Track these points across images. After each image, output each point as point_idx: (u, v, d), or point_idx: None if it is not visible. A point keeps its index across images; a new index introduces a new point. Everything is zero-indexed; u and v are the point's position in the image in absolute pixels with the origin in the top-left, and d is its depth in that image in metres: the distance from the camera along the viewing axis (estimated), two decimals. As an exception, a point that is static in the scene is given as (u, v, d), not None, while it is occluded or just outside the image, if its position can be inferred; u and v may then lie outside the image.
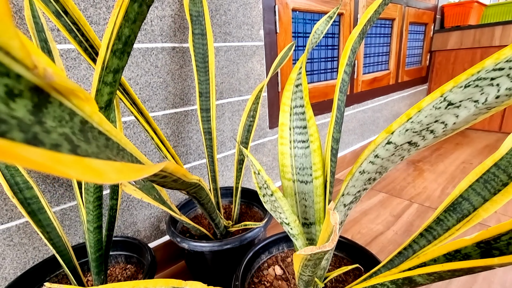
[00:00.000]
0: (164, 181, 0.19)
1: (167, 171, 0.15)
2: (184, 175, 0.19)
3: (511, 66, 0.16)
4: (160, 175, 0.16)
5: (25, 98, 0.07)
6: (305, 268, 0.25)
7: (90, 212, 0.46)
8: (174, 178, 0.19)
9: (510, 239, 0.17)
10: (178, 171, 0.17)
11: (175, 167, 0.16)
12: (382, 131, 1.05)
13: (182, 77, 0.74)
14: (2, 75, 0.06)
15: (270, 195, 0.38)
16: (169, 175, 0.17)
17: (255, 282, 0.53)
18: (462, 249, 0.20)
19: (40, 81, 0.07)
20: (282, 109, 0.48)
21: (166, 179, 0.19)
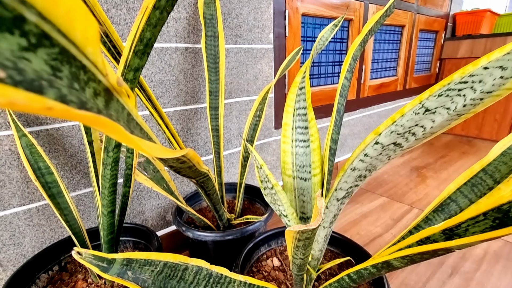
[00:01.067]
0: (181, 166, 0.23)
1: (187, 156, 0.19)
2: (198, 162, 0.22)
3: (474, 80, 0.19)
4: (181, 160, 0.19)
5: (102, 96, 0.10)
6: (297, 250, 0.28)
7: (105, 197, 0.50)
8: (190, 165, 0.23)
9: (468, 226, 0.20)
10: (195, 157, 0.20)
11: (194, 154, 0.19)
12: None
13: (194, 76, 0.78)
14: (92, 81, 0.10)
15: (270, 188, 0.42)
16: (187, 161, 0.20)
17: (254, 271, 0.56)
18: (431, 236, 0.23)
19: (109, 84, 0.11)
20: (286, 110, 0.51)
21: (183, 165, 0.22)
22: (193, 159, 0.20)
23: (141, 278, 0.28)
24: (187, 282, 0.31)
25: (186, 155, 0.17)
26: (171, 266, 0.30)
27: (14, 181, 0.57)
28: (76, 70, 0.09)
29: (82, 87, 0.10)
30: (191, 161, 0.20)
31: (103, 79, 0.10)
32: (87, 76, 0.10)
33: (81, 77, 0.10)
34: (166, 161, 0.20)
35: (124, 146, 0.56)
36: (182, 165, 0.22)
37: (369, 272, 0.28)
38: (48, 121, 0.59)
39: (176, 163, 0.20)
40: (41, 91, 0.07)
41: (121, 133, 0.09)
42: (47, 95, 0.07)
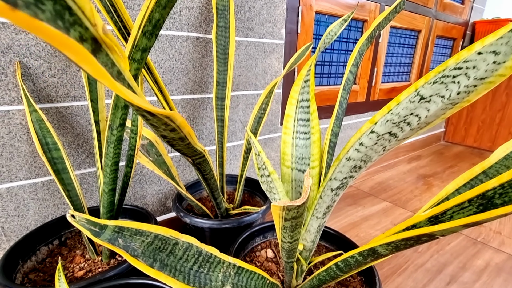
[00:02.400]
0: (173, 137, 0.23)
1: (173, 120, 0.19)
2: (189, 133, 0.23)
3: (468, 66, 0.19)
4: (169, 126, 0.20)
5: (88, 43, 0.11)
6: (284, 232, 0.28)
7: (107, 175, 0.51)
8: (181, 136, 0.23)
9: (453, 213, 0.20)
10: (184, 125, 0.21)
11: (182, 121, 0.20)
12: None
13: (203, 66, 0.79)
14: (78, 24, 0.10)
15: (267, 176, 0.42)
16: (177, 129, 0.21)
17: (247, 261, 0.57)
18: (417, 224, 0.23)
19: (97, 35, 0.11)
20: (290, 101, 0.52)
21: (175, 135, 0.23)
22: (183, 127, 0.20)
23: (131, 246, 0.28)
24: (177, 256, 0.32)
25: (171, 118, 0.18)
26: (161, 238, 0.31)
27: (22, 155, 0.60)
28: (61, 9, 0.10)
29: (67, 27, 0.10)
30: (181, 129, 0.21)
31: (91, 28, 0.11)
32: (73, 18, 0.11)
33: (66, 17, 0.10)
34: (158, 128, 0.21)
35: (128, 127, 0.57)
36: (174, 135, 0.22)
37: (355, 260, 0.28)
38: (59, 99, 0.61)
39: (167, 130, 0.20)
40: (14, 4, 0.08)
41: (103, 74, 0.10)
42: (18, 8, 0.08)
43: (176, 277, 0.30)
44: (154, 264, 0.29)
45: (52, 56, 0.58)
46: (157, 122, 0.19)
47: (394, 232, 0.25)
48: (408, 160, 1.68)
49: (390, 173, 1.48)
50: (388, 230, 0.26)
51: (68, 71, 0.61)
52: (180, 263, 0.32)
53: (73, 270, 0.57)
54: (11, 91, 0.56)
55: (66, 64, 0.60)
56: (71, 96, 0.62)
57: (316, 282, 0.38)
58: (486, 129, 1.84)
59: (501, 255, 0.85)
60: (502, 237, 0.94)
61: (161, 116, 0.17)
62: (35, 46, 0.56)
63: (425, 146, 1.93)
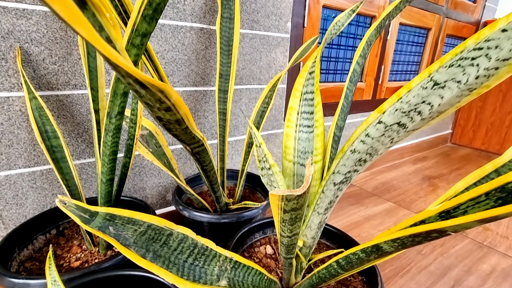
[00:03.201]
0: (169, 119, 0.22)
1: (170, 99, 0.18)
2: (186, 115, 0.21)
3: (489, 46, 0.17)
4: (163, 103, 0.18)
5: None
6: (283, 225, 0.27)
7: (105, 164, 0.50)
8: (177, 117, 0.22)
9: (467, 207, 0.18)
10: (181, 105, 0.19)
11: (178, 98, 0.18)
12: (401, 143, 1.04)
13: (206, 58, 0.77)
14: None
15: (268, 168, 0.40)
16: (172, 108, 0.19)
17: (245, 256, 0.55)
18: (426, 219, 0.21)
19: None
20: (293, 94, 0.50)
21: (171, 117, 0.21)
22: (179, 106, 0.19)
23: (123, 235, 0.27)
24: (171, 248, 0.30)
25: (166, 92, 0.16)
26: (155, 228, 0.30)
27: (22, 142, 0.59)
28: None
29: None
30: (177, 109, 0.19)
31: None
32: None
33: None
34: (152, 108, 0.19)
35: (127, 116, 0.56)
36: (169, 117, 0.21)
37: (358, 257, 0.27)
38: (59, 86, 0.60)
39: (162, 110, 0.19)
40: None
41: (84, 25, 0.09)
42: None
43: (170, 269, 0.29)
44: (147, 255, 0.28)
45: (53, 43, 0.57)
46: (151, 99, 0.18)
47: (400, 228, 0.23)
48: (413, 161, 1.65)
49: (394, 173, 1.45)
50: (394, 226, 0.24)
51: (69, 59, 0.60)
52: (174, 254, 0.30)
53: (69, 260, 0.56)
54: (11, 77, 0.55)
55: (67, 51, 0.59)
56: (71, 84, 0.61)
57: (316, 280, 0.37)
58: (495, 131, 1.80)
59: (508, 260, 0.82)
60: (509, 241, 0.91)
61: (153, 88, 0.16)
62: (36, 32, 0.55)
63: (431, 148, 1.90)
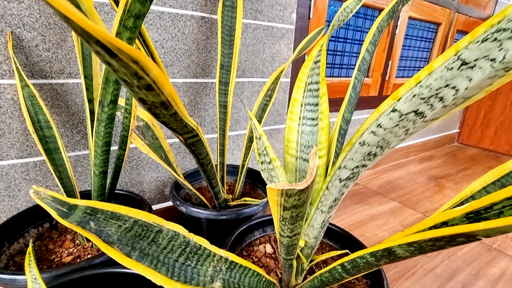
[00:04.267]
0: (153, 101, 0.19)
1: (149, 74, 0.15)
2: (171, 96, 0.19)
3: (537, 12, 0.14)
4: (142, 79, 0.16)
5: None
6: (283, 224, 0.24)
7: (98, 155, 0.48)
8: (162, 99, 0.19)
9: (503, 207, 0.15)
10: (164, 83, 0.17)
11: (158, 73, 0.15)
12: (407, 141, 1.02)
13: (207, 48, 0.74)
14: None
15: (268, 162, 0.38)
16: (154, 86, 0.16)
17: (244, 255, 0.53)
18: (449, 221, 0.18)
19: None
20: (297, 84, 0.47)
21: (154, 97, 0.19)
22: (161, 85, 0.16)
23: (105, 231, 0.25)
24: (160, 246, 0.28)
25: (141, 63, 0.14)
26: (142, 225, 0.27)
27: (14, 132, 0.57)
28: None
29: None
30: (159, 88, 0.16)
31: None
32: None
33: None
34: (132, 87, 0.17)
35: (122, 106, 0.53)
36: (153, 98, 0.18)
37: (366, 261, 0.24)
38: (53, 75, 0.58)
39: (142, 89, 0.16)
40: None
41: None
42: None
43: (158, 269, 0.27)
44: (132, 253, 0.26)
45: (47, 28, 0.55)
46: (126, 73, 0.15)
47: (417, 230, 0.20)
48: (419, 160, 1.62)
49: (399, 172, 1.42)
50: (409, 228, 0.22)
51: (64, 46, 0.57)
52: (163, 253, 0.28)
53: (61, 255, 0.54)
54: (2, 63, 0.53)
55: (62, 38, 0.57)
56: (66, 72, 0.59)
57: (318, 283, 0.34)
58: (505, 131, 1.75)
59: (518, 264, 0.79)
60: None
61: (124, 56, 0.13)
62: (29, 17, 0.53)
63: (437, 147, 1.86)
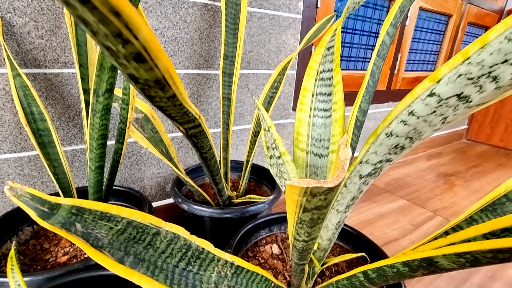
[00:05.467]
0: (147, 78, 0.15)
1: (138, 35, 0.12)
2: (168, 71, 0.15)
3: None
4: (128, 43, 0.12)
5: None
6: (300, 227, 0.21)
7: (93, 149, 0.45)
8: (157, 76, 0.15)
9: None
10: (158, 52, 0.13)
11: (148, 34, 0.12)
12: None
13: (210, 38, 0.71)
14: None
15: (277, 157, 0.34)
16: (144, 54, 0.13)
17: (249, 256, 0.50)
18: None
19: None
20: (308, 73, 0.43)
21: (147, 73, 0.15)
22: (154, 53, 0.13)
23: (94, 234, 0.21)
24: (158, 250, 0.25)
25: (122, 13, 0.10)
26: (137, 226, 0.24)
27: (6, 125, 0.54)
28: None
29: None
30: (151, 57, 0.13)
31: None
32: None
33: None
34: (116, 55, 0.13)
35: (119, 97, 0.50)
36: (146, 75, 0.15)
37: (396, 271, 0.20)
38: (47, 64, 0.55)
39: (130, 59, 0.13)
40: None
41: None
42: None
43: (156, 277, 0.23)
44: (126, 259, 0.22)
45: (40, 14, 0.51)
46: (108, 34, 0.11)
47: (466, 238, 0.17)
48: (427, 157, 1.57)
49: (407, 169, 1.38)
50: (453, 235, 0.18)
51: (58, 33, 0.54)
52: (162, 258, 0.25)
53: (56, 255, 0.51)
54: (-8, 51, 0.50)
55: (56, 24, 0.53)
56: (61, 62, 0.56)
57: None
58: (515, 127, 1.70)
59: (536, 265, 0.75)
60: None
61: (98, 3, 0.09)
62: (20, 1, 0.49)
63: (445, 143, 1.81)
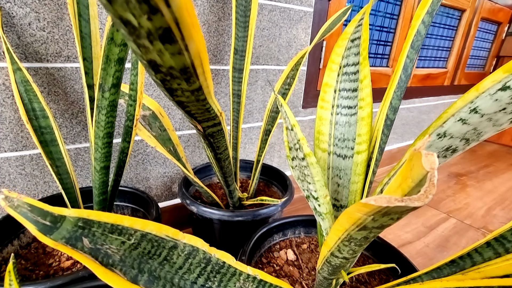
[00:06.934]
0: (171, 63, 0.12)
1: (171, 3, 0.09)
2: (199, 55, 0.12)
3: None
4: (158, 16, 0.09)
5: None
6: (346, 245, 0.18)
7: (99, 149, 0.42)
8: (185, 62, 0.12)
9: None
10: (194, 24, 0.10)
11: (186, 3, 0.09)
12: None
13: (219, 31, 0.67)
14: None
15: (301, 158, 0.31)
16: (175, 32, 0.10)
17: (263, 263, 0.47)
18: None
19: None
20: (329, 67, 0.40)
21: (174, 57, 0.12)
22: (187, 29, 0.10)
23: (103, 250, 0.18)
24: (175, 266, 0.22)
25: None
26: (152, 239, 0.21)
27: (7, 122, 0.51)
28: None
29: None
30: (184, 37, 0.10)
31: None
32: None
33: None
34: (136, 31, 0.10)
35: (126, 93, 0.47)
36: (172, 60, 0.12)
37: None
38: (49, 58, 0.52)
39: (155, 41, 0.10)
40: None
41: None
42: None
43: (173, 296, 0.20)
44: (140, 278, 0.19)
45: (41, 4, 0.48)
46: (130, 0, 0.08)
47: None
48: (436, 156, 1.54)
49: (417, 169, 1.34)
50: (506, 265, 0.15)
51: (61, 25, 0.51)
52: (179, 274, 0.22)
53: (59, 259, 0.49)
54: (-9, 44, 0.47)
55: (58, 15, 0.50)
56: (64, 55, 0.53)
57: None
58: (527, 126, 1.66)
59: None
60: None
61: None
62: (20, -10, 0.46)
63: (454, 143, 1.77)
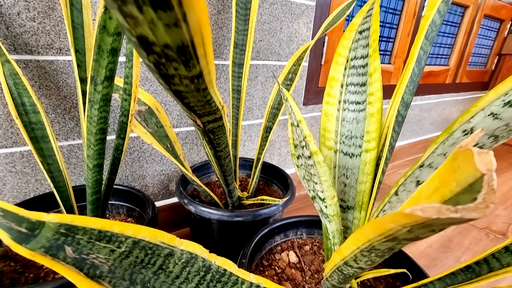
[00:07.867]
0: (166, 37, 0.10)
1: None
2: (200, 28, 0.10)
3: None
4: None
5: None
6: (366, 255, 0.16)
7: (91, 145, 0.40)
8: (184, 38, 0.10)
9: None
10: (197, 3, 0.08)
11: None
12: (426, 134, 0.91)
13: (218, 25, 0.65)
14: None
15: (307, 157, 0.29)
16: (182, 24, 0.08)
17: (264, 265, 0.45)
18: None
19: None
20: (336, 60, 0.38)
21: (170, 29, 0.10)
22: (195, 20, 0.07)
23: (90, 260, 0.16)
24: (171, 275, 0.20)
25: None
26: (145, 247, 0.19)
27: (-5, 117, 0.48)
28: None
29: None
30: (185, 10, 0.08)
31: None
32: None
33: None
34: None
35: (120, 87, 0.45)
36: (168, 34, 0.10)
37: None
38: (40, 50, 0.49)
39: (148, 5, 0.08)
40: None
41: None
42: None
43: (168, 309, 0.18)
44: (131, 290, 0.17)
45: (30, -8, 0.46)
46: None
47: None
48: (437, 155, 1.52)
49: (418, 167, 1.33)
50: None
51: (52, 15, 0.48)
52: (176, 284, 0.20)
53: (51, 261, 0.47)
54: (-23, 34, 0.44)
55: (49, 5, 0.48)
56: (55, 47, 0.50)
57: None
58: (528, 125, 1.65)
59: None
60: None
61: None
62: (8, -23, 0.44)
63: (455, 141, 1.76)
